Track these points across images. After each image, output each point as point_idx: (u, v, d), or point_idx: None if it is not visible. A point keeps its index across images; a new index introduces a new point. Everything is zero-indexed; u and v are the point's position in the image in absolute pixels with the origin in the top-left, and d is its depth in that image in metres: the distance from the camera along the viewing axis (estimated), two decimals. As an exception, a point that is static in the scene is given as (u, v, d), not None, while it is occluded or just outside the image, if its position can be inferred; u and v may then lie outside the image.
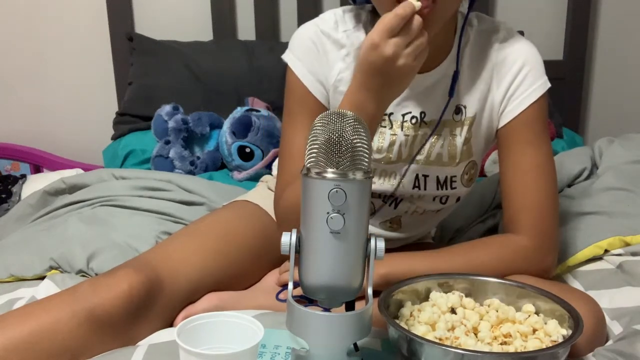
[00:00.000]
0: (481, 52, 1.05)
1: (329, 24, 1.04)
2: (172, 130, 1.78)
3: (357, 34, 1.04)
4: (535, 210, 1.01)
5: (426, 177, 1.08)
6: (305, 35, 1.05)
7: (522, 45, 1.05)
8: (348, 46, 1.04)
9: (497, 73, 1.05)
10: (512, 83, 1.04)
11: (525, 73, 1.03)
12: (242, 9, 2.16)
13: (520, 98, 1.03)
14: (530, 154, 1.02)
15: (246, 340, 0.75)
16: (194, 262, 1.02)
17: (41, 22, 2.16)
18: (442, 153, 1.07)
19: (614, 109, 2.31)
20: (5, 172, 2.11)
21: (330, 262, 0.74)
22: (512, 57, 1.04)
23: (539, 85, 1.03)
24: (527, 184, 1.02)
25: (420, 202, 1.11)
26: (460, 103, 1.06)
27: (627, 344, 0.89)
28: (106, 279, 0.92)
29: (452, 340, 0.80)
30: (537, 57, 1.05)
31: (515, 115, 1.03)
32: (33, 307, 0.90)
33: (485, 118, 1.07)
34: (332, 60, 1.04)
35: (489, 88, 1.05)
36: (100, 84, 2.20)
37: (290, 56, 1.05)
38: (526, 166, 1.02)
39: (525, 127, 1.03)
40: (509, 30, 1.07)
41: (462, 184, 1.10)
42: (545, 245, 1.01)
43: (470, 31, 1.06)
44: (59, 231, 1.27)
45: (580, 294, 0.98)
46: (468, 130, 1.06)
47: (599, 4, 2.23)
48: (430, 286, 0.91)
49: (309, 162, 0.74)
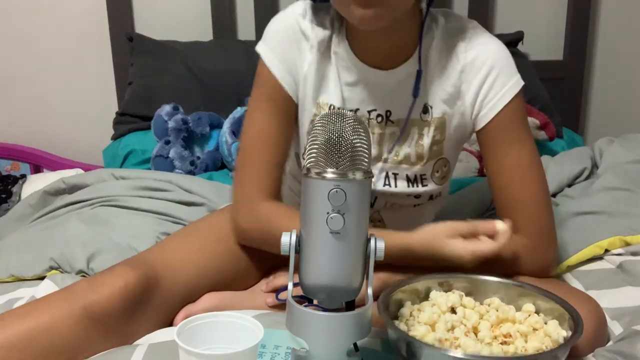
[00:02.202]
0: (448, 52, 1.03)
1: (298, 12, 1.04)
2: (172, 130, 1.78)
3: (320, 27, 1.03)
4: (527, 208, 1.01)
5: (396, 175, 1.08)
6: (279, 26, 1.05)
7: (490, 46, 1.03)
8: (312, 39, 1.03)
9: (466, 75, 1.03)
10: (482, 86, 1.02)
11: (495, 75, 1.01)
12: (242, 9, 2.16)
13: (493, 101, 1.01)
14: (513, 154, 1.01)
15: (246, 340, 0.75)
16: (192, 262, 1.02)
17: (41, 22, 2.15)
18: (410, 153, 1.06)
19: (614, 109, 2.31)
20: (5, 172, 2.10)
21: (330, 262, 0.74)
22: (480, 59, 1.02)
23: (510, 87, 1.01)
24: (515, 183, 1.01)
25: (394, 198, 1.10)
26: (427, 102, 1.04)
27: (628, 344, 0.89)
28: (103, 277, 0.92)
29: (452, 340, 0.80)
30: (506, 57, 1.03)
31: (490, 119, 1.02)
32: (31, 305, 0.90)
33: (456, 118, 1.05)
34: (302, 51, 1.04)
35: (459, 90, 1.03)
36: (100, 84, 2.20)
37: (263, 46, 1.06)
38: (511, 167, 1.01)
39: (503, 129, 1.02)
40: (476, 28, 1.05)
41: (433, 182, 1.09)
42: (542, 243, 1.01)
43: (436, 29, 1.04)
44: (59, 231, 1.27)
45: (581, 294, 0.98)
46: (436, 129, 1.05)
47: (599, 4, 2.23)
48: (430, 285, 0.91)
49: (308, 162, 0.74)
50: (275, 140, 1.04)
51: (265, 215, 1.02)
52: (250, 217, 1.03)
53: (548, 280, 1.00)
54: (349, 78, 1.04)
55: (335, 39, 1.03)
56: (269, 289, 1.05)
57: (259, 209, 1.03)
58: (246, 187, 1.05)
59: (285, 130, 1.05)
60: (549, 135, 1.82)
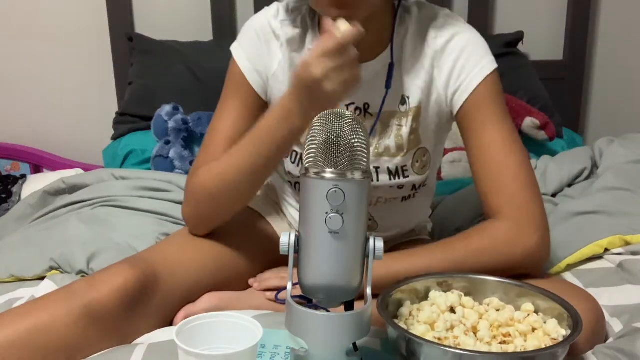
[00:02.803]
0: (421, 41, 1.04)
1: (271, 12, 1.09)
2: (172, 130, 1.78)
3: (291, 26, 1.07)
4: (506, 187, 0.97)
5: (377, 169, 1.08)
6: (251, 26, 1.10)
7: (461, 30, 1.04)
8: (282, 37, 1.07)
9: (438, 61, 1.04)
10: (453, 69, 1.03)
11: (467, 57, 1.02)
12: (242, 9, 2.16)
13: (465, 83, 1.02)
14: (490, 133, 1.00)
15: (246, 340, 0.75)
16: (191, 261, 1.02)
17: (41, 22, 2.15)
18: (389, 145, 1.07)
19: (614, 109, 2.31)
20: (5, 172, 2.10)
21: (329, 262, 0.74)
22: (451, 44, 1.03)
23: (482, 66, 1.02)
24: (493, 164, 0.99)
25: (378, 192, 1.11)
26: (404, 93, 1.05)
27: (627, 341, 0.89)
28: (101, 275, 0.92)
29: (452, 339, 0.80)
30: (476, 40, 1.04)
31: (464, 100, 1.02)
32: (30, 305, 0.90)
33: (432, 106, 1.06)
34: (273, 51, 1.08)
35: (432, 77, 1.05)
36: (100, 84, 2.20)
37: (236, 45, 1.11)
38: (487, 147, 1.00)
39: (479, 109, 1.01)
40: (448, 16, 1.06)
41: (414, 172, 1.10)
42: (524, 222, 0.96)
43: (409, 20, 1.05)
44: (59, 231, 1.27)
45: (580, 291, 0.97)
46: (413, 119, 1.06)
47: (599, 4, 2.22)
48: (429, 285, 0.91)
49: (307, 162, 0.74)
50: (235, 132, 1.06)
51: (199, 189, 1.04)
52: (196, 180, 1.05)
53: (547, 278, 1.00)
54: None
55: (309, 36, 1.06)
56: (262, 287, 1.06)
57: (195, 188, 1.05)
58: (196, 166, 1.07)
59: (247, 122, 1.06)
60: (549, 135, 1.82)
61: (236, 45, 1.11)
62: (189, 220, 1.08)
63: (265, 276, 1.07)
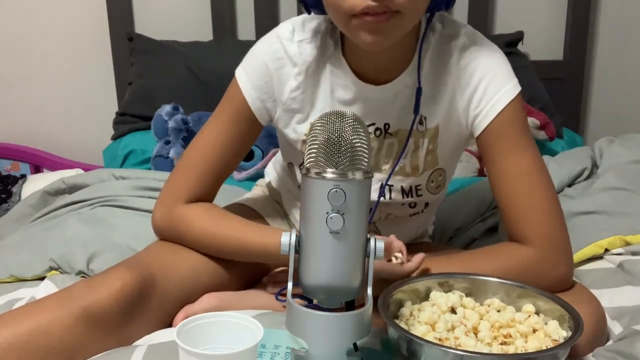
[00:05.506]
0: (440, 60, 1.00)
1: (285, 34, 1.02)
2: (172, 130, 1.78)
3: (312, 45, 1.01)
4: (532, 216, 0.95)
5: (390, 187, 1.06)
6: (260, 55, 1.02)
7: (483, 53, 0.99)
8: (300, 65, 1.01)
9: (459, 82, 1.00)
10: (474, 94, 0.99)
11: (487, 83, 0.97)
12: (242, 9, 2.16)
13: (487, 108, 0.98)
14: (514, 162, 0.97)
15: (246, 340, 0.75)
16: (188, 262, 1.02)
17: (41, 22, 2.16)
18: (404, 164, 1.05)
19: (614, 109, 2.31)
20: (5, 172, 2.11)
21: (330, 262, 0.74)
22: (472, 67, 0.99)
23: (505, 92, 0.97)
24: (519, 193, 0.96)
25: (390, 208, 1.09)
26: (422, 113, 1.02)
27: (627, 344, 0.89)
28: (100, 278, 0.92)
29: (452, 340, 0.80)
30: (499, 64, 0.99)
31: (485, 126, 0.98)
32: (29, 306, 0.90)
33: (452, 127, 1.03)
34: (284, 79, 1.02)
35: (452, 98, 1.01)
36: (100, 84, 2.20)
37: (240, 70, 1.04)
38: (513, 176, 0.97)
39: (501, 136, 0.97)
40: (470, 35, 1.01)
41: (427, 191, 1.08)
42: (554, 254, 0.95)
43: (432, 37, 1.00)
44: (59, 232, 1.27)
45: (582, 294, 0.95)
46: (430, 140, 1.03)
47: (599, 4, 2.23)
48: (430, 285, 0.90)
49: (308, 162, 0.74)
50: (219, 151, 1.04)
51: (178, 218, 1.03)
52: (164, 217, 1.05)
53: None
54: (346, 96, 1.02)
55: (332, 57, 1.02)
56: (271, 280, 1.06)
57: (174, 212, 1.04)
58: (171, 189, 1.06)
59: (235, 146, 1.05)
60: (549, 135, 1.82)
61: (241, 70, 1.04)
62: (156, 233, 1.09)
63: (277, 271, 1.08)
